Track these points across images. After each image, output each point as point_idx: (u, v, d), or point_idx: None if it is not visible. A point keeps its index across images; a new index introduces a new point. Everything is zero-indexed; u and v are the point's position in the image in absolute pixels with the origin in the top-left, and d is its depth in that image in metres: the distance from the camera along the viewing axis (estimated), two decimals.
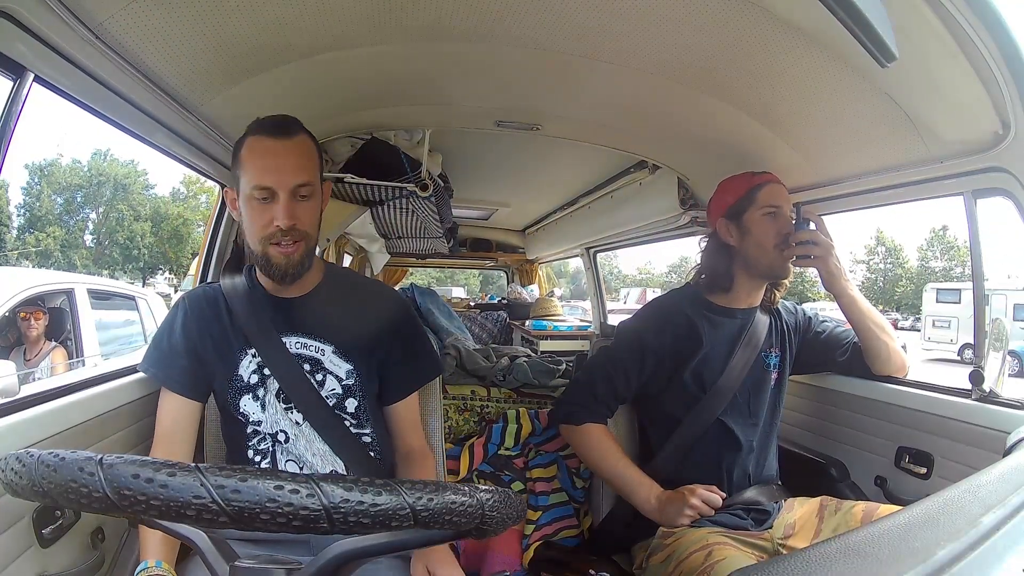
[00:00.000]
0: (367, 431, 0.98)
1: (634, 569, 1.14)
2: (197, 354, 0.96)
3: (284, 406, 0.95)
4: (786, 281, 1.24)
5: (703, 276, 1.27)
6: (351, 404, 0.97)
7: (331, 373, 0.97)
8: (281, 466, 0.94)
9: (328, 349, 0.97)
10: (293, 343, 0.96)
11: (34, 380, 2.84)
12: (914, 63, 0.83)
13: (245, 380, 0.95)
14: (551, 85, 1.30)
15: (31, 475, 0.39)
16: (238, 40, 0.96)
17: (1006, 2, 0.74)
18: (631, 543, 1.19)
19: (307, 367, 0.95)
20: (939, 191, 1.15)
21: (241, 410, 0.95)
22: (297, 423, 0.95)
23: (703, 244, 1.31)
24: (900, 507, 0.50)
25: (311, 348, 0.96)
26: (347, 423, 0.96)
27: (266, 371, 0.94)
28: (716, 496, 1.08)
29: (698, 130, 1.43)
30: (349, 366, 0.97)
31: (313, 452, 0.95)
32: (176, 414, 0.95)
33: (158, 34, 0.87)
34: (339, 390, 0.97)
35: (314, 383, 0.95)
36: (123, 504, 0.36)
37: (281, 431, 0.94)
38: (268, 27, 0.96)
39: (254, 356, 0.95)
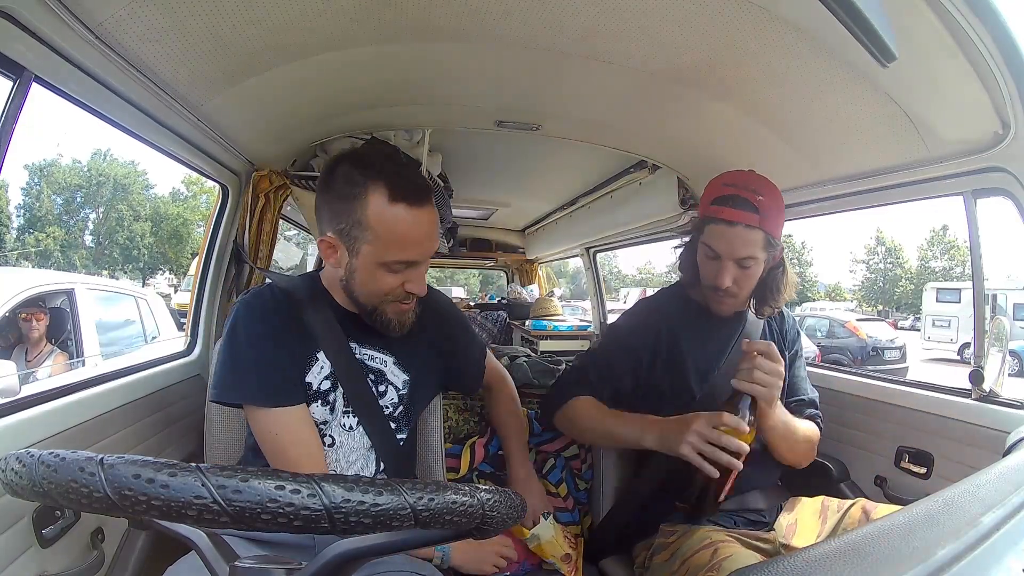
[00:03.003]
0: (403, 435, 1.00)
1: (635, 568, 1.14)
2: (278, 361, 0.88)
3: (346, 409, 0.94)
4: (782, 298, 1.16)
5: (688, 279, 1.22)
6: (399, 411, 0.99)
7: (391, 384, 0.98)
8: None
9: (390, 360, 0.98)
10: (359, 351, 0.95)
11: (34, 380, 2.84)
12: (914, 63, 0.83)
13: (316, 387, 0.91)
14: (551, 85, 1.30)
15: (31, 475, 0.39)
16: (238, 40, 0.96)
17: (1006, 2, 0.74)
18: (632, 543, 1.19)
19: (371, 377, 0.96)
20: (939, 191, 1.15)
21: (312, 415, 0.91)
22: (351, 428, 0.94)
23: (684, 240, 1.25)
24: (900, 507, 0.50)
25: (376, 360, 0.97)
26: (392, 428, 0.98)
27: (336, 376, 0.93)
28: (734, 440, 0.90)
29: (698, 130, 1.43)
30: (406, 376, 0.99)
31: (350, 461, 0.95)
32: (302, 426, 0.87)
33: (158, 34, 0.87)
34: (395, 399, 0.98)
35: (376, 392, 0.96)
36: (124, 504, 0.36)
37: (329, 435, 0.93)
38: (268, 27, 0.96)
39: (325, 359, 0.92)
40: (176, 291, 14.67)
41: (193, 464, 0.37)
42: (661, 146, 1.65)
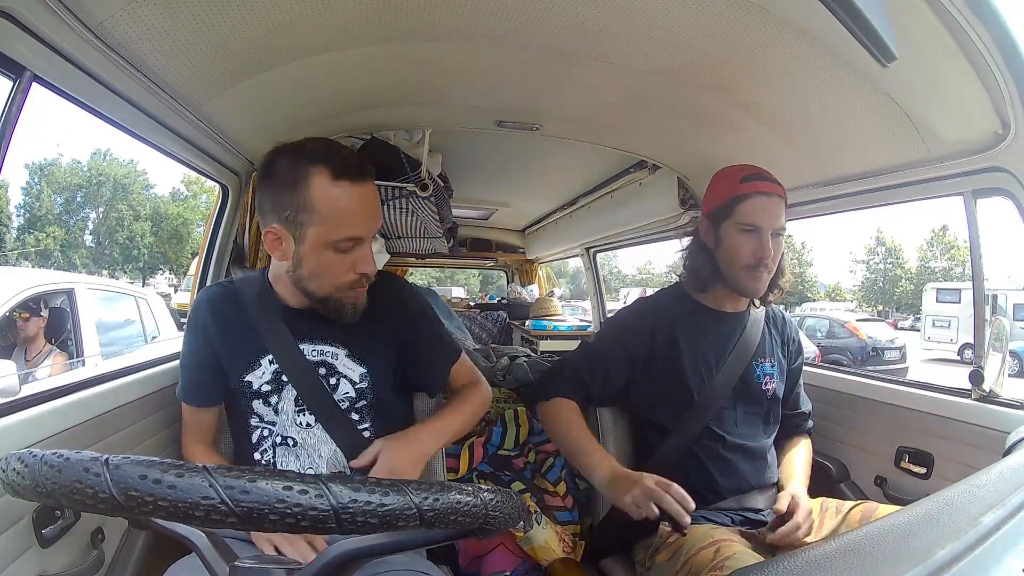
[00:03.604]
0: (367, 425, 0.99)
1: (636, 567, 1.14)
2: (217, 362, 0.96)
3: (296, 409, 0.95)
4: (787, 279, 1.19)
5: (684, 274, 1.24)
6: (360, 404, 0.98)
7: (345, 376, 0.97)
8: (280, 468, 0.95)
9: (341, 353, 0.97)
10: (309, 350, 0.95)
11: (33, 380, 2.84)
12: (914, 63, 0.83)
13: (255, 387, 0.94)
14: (551, 85, 1.30)
15: (34, 476, 0.38)
16: (238, 40, 0.96)
17: (1006, 2, 0.74)
18: (632, 542, 1.19)
19: (322, 371, 0.96)
20: (939, 191, 1.15)
21: (255, 411, 0.95)
22: (308, 425, 0.95)
23: (685, 241, 1.27)
24: (899, 507, 0.50)
25: (327, 354, 0.97)
26: (354, 421, 0.97)
27: (284, 378, 0.94)
28: (675, 505, 0.90)
29: (698, 130, 1.43)
30: (363, 369, 0.98)
31: (320, 454, 0.95)
32: (203, 419, 1.02)
33: (158, 34, 0.87)
34: (352, 393, 0.97)
35: (327, 387, 0.95)
36: (130, 505, 0.36)
37: (290, 437, 0.94)
38: (268, 27, 0.96)
39: (271, 363, 0.94)
40: (176, 291, 14.67)
41: (200, 464, 0.37)
42: (661, 146, 1.65)
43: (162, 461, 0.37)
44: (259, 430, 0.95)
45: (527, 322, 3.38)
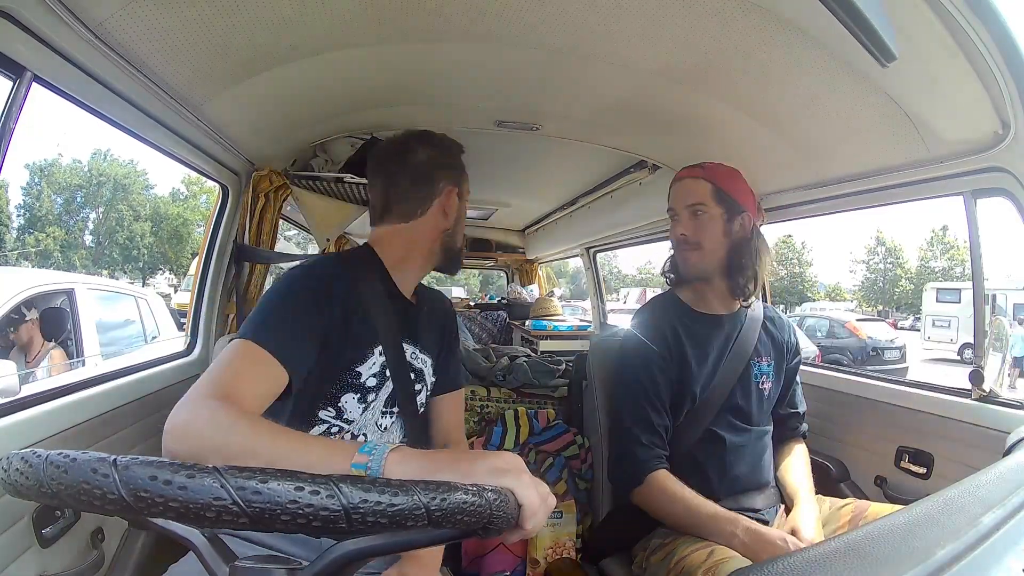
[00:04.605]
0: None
1: (633, 568, 1.14)
2: (326, 339, 0.81)
3: (385, 409, 0.93)
4: (750, 277, 1.15)
5: (670, 275, 1.24)
6: (422, 410, 1.01)
7: (425, 384, 1.00)
8: None
9: (429, 362, 1.00)
10: (409, 352, 0.95)
11: (33, 380, 2.84)
12: (914, 63, 0.83)
13: (361, 380, 0.88)
14: (551, 85, 1.30)
15: (38, 476, 0.38)
16: (238, 40, 0.96)
17: (1006, 2, 0.74)
18: (630, 543, 1.19)
19: (412, 376, 0.96)
20: (939, 191, 1.15)
21: (339, 404, 0.87)
22: (385, 428, 0.93)
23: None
24: (898, 507, 0.50)
25: (419, 360, 0.98)
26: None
27: (387, 373, 0.91)
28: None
29: (698, 130, 1.43)
30: (434, 379, 1.02)
31: None
32: (269, 385, 0.73)
33: (158, 34, 0.87)
34: (423, 401, 1.00)
35: (415, 390, 0.97)
36: (139, 506, 0.36)
37: (363, 433, 0.91)
38: (268, 27, 0.96)
39: (380, 355, 0.89)
40: (176, 291, 14.67)
41: (211, 466, 0.37)
42: (661, 146, 1.65)
43: (171, 462, 0.37)
44: (326, 425, 0.87)
45: (527, 322, 3.37)
